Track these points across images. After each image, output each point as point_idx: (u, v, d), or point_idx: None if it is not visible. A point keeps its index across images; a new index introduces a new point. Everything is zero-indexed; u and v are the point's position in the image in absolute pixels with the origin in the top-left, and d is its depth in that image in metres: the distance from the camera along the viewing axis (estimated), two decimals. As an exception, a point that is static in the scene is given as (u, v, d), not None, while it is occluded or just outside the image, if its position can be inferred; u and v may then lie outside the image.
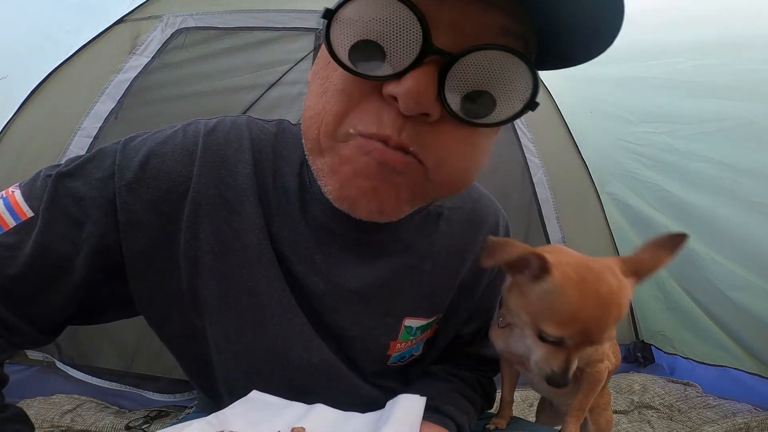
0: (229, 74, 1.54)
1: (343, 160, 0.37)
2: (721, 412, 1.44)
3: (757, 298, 1.38)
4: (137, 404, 1.49)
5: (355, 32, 0.33)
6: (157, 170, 0.45)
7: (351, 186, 0.38)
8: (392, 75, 0.33)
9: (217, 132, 0.49)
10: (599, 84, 1.60)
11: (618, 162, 1.70)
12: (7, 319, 0.44)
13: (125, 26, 1.49)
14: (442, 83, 0.33)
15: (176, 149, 0.46)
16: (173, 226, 0.46)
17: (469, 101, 0.35)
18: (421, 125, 0.35)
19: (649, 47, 1.34)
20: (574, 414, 0.66)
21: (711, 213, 1.44)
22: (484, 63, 0.33)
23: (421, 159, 0.36)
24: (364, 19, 0.33)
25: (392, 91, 0.34)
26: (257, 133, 0.50)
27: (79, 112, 1.46)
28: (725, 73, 1.20)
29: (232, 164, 0.47)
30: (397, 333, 0.54)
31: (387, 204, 0.39)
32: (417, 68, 0.33)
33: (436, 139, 0.36)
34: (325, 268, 0.49)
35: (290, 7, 1.57)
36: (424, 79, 0.33)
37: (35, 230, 0.43)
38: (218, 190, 0.46)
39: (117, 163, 0.45)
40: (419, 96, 0.33)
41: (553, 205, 1.80)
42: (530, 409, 1.51)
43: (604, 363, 0.65)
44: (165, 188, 0.45)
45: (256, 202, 0.47)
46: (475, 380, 0.63)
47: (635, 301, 1.88)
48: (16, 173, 1.45)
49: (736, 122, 1.24)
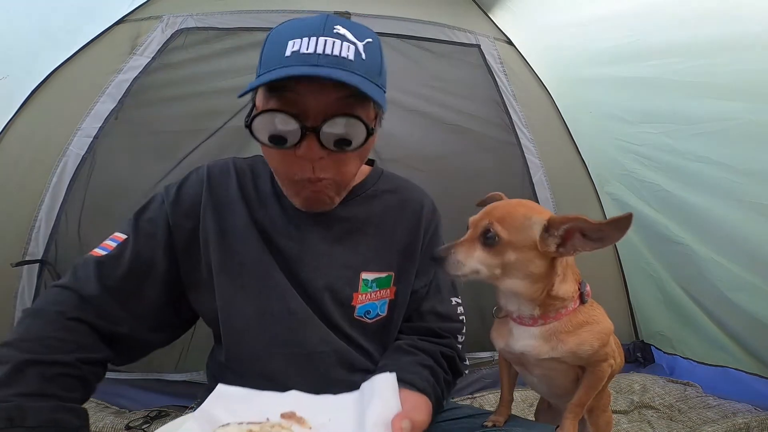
0: (229, 74, 1.54)
1: (297, 192, 0.69)
2: (721, 412, 1.44)
3: (757, 298, 1.38)
4: (137, 404, 1.49)
5: (265, 131, 0.61)
6: (185, 194, 0.74)
7: (305, 202, 0.70)
8: (293, 145, 0.61)
9: (214, 168, 0.77)
10: (599, 84, 1.60)
11: (618, 162, 1.70)
12: (116, 314, 0.66)
13: (125, 26, 1.50)
14: (320, 140, 0.60)
15: (194, 181, 0.76)
16: (197, 224, 0.72)
17: (337, 142, 0.61)
18: (321, 161, 0.63)
19: (649, 47, 1.34)
20: (572, 410, 0.66)
21: (711, 213, 1.44)
22: (335, 124, 0.59)
23: (330, 177, 0.66)
24: (268, 125, 0.60)
25: (299, 153, 0.61)
26: (239, 164, 0.79)
27: (80, 112, 1.47)
28: (725, 73, 1.20)
29: (224, 184, 0.75)
30: (356, 284, 0.73)
31: (325, 203, 0.71)
32: (304, 140, 0.60)
33: (332, 163, 0.64)
34: (297, 235, 0.73)
35: (290, 8, 1.57)
36: (308, 144, 0.60)
37: (129, 245, 0.69)
38: (218, 199, 0.74)
39: (164, 195, 0.74)
40: (311, 153, 0.61)
41: (552, 205, 1.80)
42: (530, 409, 1.51)
43: (608, 362, 0.65)
44: (190, 203, 0.73)
45: (241, 202, 0.74)
46: (437, 352, 0.74)
47: (635, 301, 1.89)
48: (16, 173, 1.45)
49: (736, 122, 1.24)
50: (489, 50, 1.74)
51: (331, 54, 0.58)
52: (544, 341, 0.62)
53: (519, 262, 0.56)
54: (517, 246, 0.55)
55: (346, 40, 0.60)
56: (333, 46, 0.58)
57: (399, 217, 0.79)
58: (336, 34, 0.60)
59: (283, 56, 0.59)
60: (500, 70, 1.75)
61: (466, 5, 1.77)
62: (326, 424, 0.53)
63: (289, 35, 0.60)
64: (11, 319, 1.46)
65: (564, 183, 1.83)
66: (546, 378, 0.71)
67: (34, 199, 1.45)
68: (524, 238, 0.55)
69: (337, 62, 0.58)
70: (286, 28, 0.63)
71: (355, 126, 0.60)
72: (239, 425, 0.49)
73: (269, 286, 0.71)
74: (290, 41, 0.59)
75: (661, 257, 1.72)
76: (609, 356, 0.65)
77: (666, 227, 1.62)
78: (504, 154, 1.77)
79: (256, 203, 0.75)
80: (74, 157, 1.46)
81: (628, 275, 1.88)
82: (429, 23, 1.68)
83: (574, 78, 1.70)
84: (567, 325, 0.61)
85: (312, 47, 0.58)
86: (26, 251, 1.45)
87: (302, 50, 0.58)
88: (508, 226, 0.54)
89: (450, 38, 1.70)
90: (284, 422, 0.51)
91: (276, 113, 0.58)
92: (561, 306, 0.61)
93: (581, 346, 0.61)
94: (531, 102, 1.79)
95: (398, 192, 0.81)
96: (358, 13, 1.60)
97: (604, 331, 0.63)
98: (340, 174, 0.66)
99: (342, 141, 0.61)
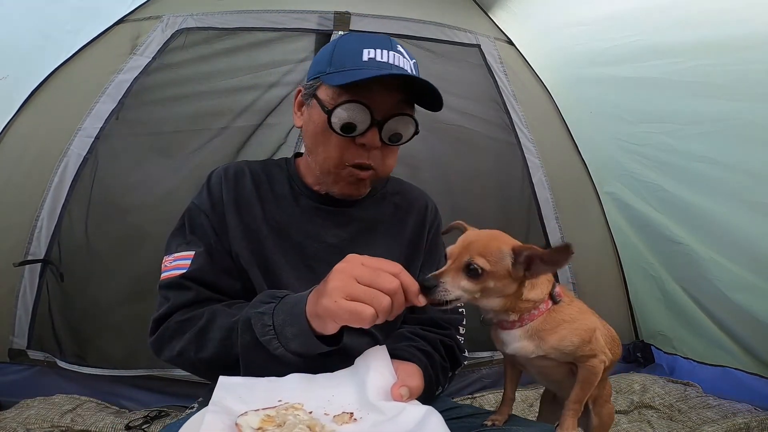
0: (229, 75, 1.54)
1: (342, 177, 0.77)
2: (721, 412, 1.44)
3: (757, 298, 1.38)
4: (137, 404, 1.49)
5: (342, 118, 0.72)
6: (209, 193, 0.81)
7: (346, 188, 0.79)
8: (360, 134, 0.73)
9: (229, 169, 0.84)
10: (599, 84, 1.60)
11: (618, 162, 1.70)
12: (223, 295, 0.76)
13: (126, 26, 1.50)
14: (381, 133, 0.73)
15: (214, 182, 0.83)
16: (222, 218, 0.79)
17: (392, 137, 0.75)
18: (375, 151, 0.75)
19: (649, 47, 1.34)
20: (571, 407, 0.70)
21: (711, 213, 1.44)
22: (396, 121, 0.73)
23: (374, 167, 0.76)
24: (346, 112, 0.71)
25: (362, 141, 0.73)
26: (253, 166, 0.86)
27: (80, 112, 1.47)
28: (725, 73, 1.20)
29: (241, 183, 0.82)
30: None
31: (360, 191, 0.80)
32: (370, 130, 0.72)
33: (380, 154, 0.77)
34: (314, 234, 0.81)
35: (290, 8, 1.57)
36: (373, 134, 0.73)
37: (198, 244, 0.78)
38: (236, 197, 0.81)
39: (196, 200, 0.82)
40: (373, 141, 0.73)
41: (552, 205, 1.81)
42: (530, 409, 1.51)
43: (598, 357, 0.69)
44: (215, 201, 0.80)
45: (258, 202, 0.81)
46: (437, 340, 0.80)
47: (635, 301, 1.89)
48: (16, 173, 1.46)
49: (736, 122, 1.24)
50: (489, 50, 1.74)
51: (399, 65, 0.74)
52: (528, 341, 0.67)
53: (497, 287, 0.63)
54: (496, 275, 0.62)
55: (405, 57, 0.76)
56: (400, 60, 0.75)
57: (406, 217, 0.89)
58: (399, 50, 0.76)
59: (360, 60, 0.72)
60: (500, 70, 1.75)
61: (467, 5, 1.77)
62: (331, 401, 0.56)
63: (361, 45, 0.74)
64: (12, 319, 1.47)
65: (564, 183, 1.83)
66: (541, 374, 0.76)
67: (35, 200, 1.45)
68: (501, 267, 0.62)
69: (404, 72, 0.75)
70: (356, 39, 0.78)
71: (409, 124, 0.75)
72: (256, 412, 0.51)
73: (285, 280, 0.77)
74: (365, 50, 0.73)
75: (661, 257, 1.73)
76: (597, 352, 0.69)
77: (666, 227, 1.62)
78: (504, 154, 1.77)
79: (272, 203, 0.82)
80: (75, 157, 1.46)
81: (628, 275, 1.88)
82: (429, 23, 1.68)
83: (574, 78, 1.70)
84: (545, 323, 0.67)
85: (386, 57, 0.73)
86: (27, 251, 1.46)
87: (377, 58, 0.73)
88: (487, 259, 0.62)
89: (450, 38, 1.70)
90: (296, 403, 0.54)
91: (358, 104, 0.70)
92: (533, 307, 0.67)
93: (562, 342, 0.67)
94: (531, 102, 1.79)
95: (404, 194, 0.92)
96: (358, 12, 1.60)
97: (582, 328, 0.68)
98: (383, 165, 0.78)
99: (395, 135, 0.75)
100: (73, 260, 1.48)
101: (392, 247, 0.84)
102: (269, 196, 0.82)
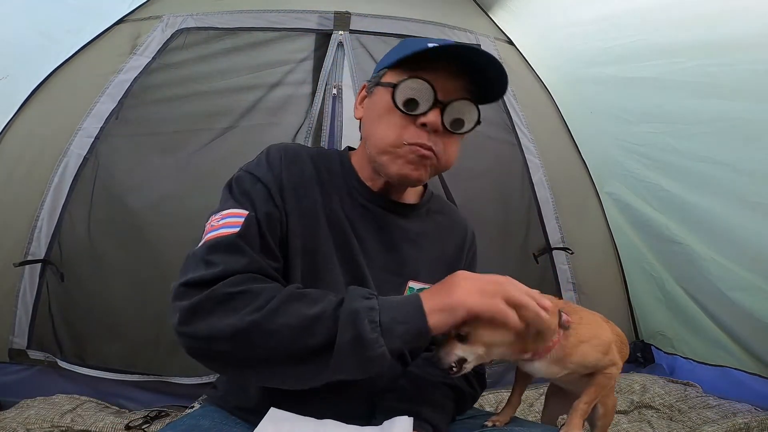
0: (229, 74, 1.54)
1: (399, 156, 0.72)
2: (721, 412, 1.44)
3: (757, 298, 1.38)
4: (137, 404, 1.49)
5: (404, 95, 0.70)
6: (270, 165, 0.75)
7: (403, 167, 0.73)
8: (422, 114, 0.70)
9: (289, 148, 0.79)
10: (599, 84, 1.60)
11: (618, 162, 1.70)
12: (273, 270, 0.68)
13: (125, 26, 1.50)
14: (443, 115, 0.71)
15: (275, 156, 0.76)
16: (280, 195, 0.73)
17: (454, 122, 0.73)
18: (434, 136, 0.72)
19: (649, 47, 1.33)
20: (581, 408, 0.71)
21: (711, 213, 1.44)
22: (459, 105, 0.72)
23: (435, 152, 0.72)
24: (409, 89, 0.70)
25: (423, 120, 0.70)
26: (310, 150, 0.81)
27: (80, 112, 1.47)
28: (725, 73, 1.19)
29: (300, 164, 0.77)
30: (402, 291, 0.78)
31: (418, 177, 0.74)
32: (433, 110, 0.70)
33: (441, 142, 0.73)
34: (360, 234, 0.77)
35: (290, 7, 1.57)
36: (435, 114, 0.70)
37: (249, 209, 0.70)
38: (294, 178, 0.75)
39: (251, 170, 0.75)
40: (436, 122, 0.70)
41: (552, 205, 1.80)
42: (530, 409, 1.51)
43: (616, 365, 0.72)
44: (275, 173, 0.74)
45: (317, 187, 0.76)
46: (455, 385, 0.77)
47: (635, 301, 1.89)
48: (16, 173, 1.46)
49: (736, 122, 1.24)
50: (489, 50, 1.73)
51: None
52: (553, 365, 0.69)
53: (493, 343, 0.64)
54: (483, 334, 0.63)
55: None
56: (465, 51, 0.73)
57: (448, 237, 0.87)
58: None
59: (426, 47, 0.69)
60: (500, 70, 1.75)
61: (466, 5, 1.77)
62: None
63: (425, 41, 0.71)
64: (12, 319, 1.47)
65: (564, 183, 1.83)
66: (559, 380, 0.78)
67: (35, 200, 1.45)
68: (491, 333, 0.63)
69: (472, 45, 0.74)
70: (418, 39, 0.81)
71: (472, 111, 0.73)
72: None
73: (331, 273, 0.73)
74: (429, 44, 0.69)
75: (661, 257, 1.73)
76: (614, 362, 0.72)
77: (666, 227, 1.62)
78: (504, 154, 1.77)
79: (330, 192, 0.77)
80: (76, 157, 1.46)
81: (628, 275, 1.88)
82: (429, 23, 1.68)
83: (574, 78, 1.70)
84: (564, 349, 0.68)
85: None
86: (27, 251, 1.46)
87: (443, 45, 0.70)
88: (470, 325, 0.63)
89: (450, 38, 1.70)
90: None
91: (423, 81, 0.69)
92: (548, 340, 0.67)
93: (585, 359, 0.69)
94: (531, 102, 1.79)
95: (447, 214, 0.90)
96: (358, 12, 1.60)
97: (601, 344, 0.71)
98: (445, 154, 0.74)
99: (457, 122, 0.73)
100: (73, 260, 1.48)
101: (431, 264, 0.81)
102: (328, 184, 0.78)
